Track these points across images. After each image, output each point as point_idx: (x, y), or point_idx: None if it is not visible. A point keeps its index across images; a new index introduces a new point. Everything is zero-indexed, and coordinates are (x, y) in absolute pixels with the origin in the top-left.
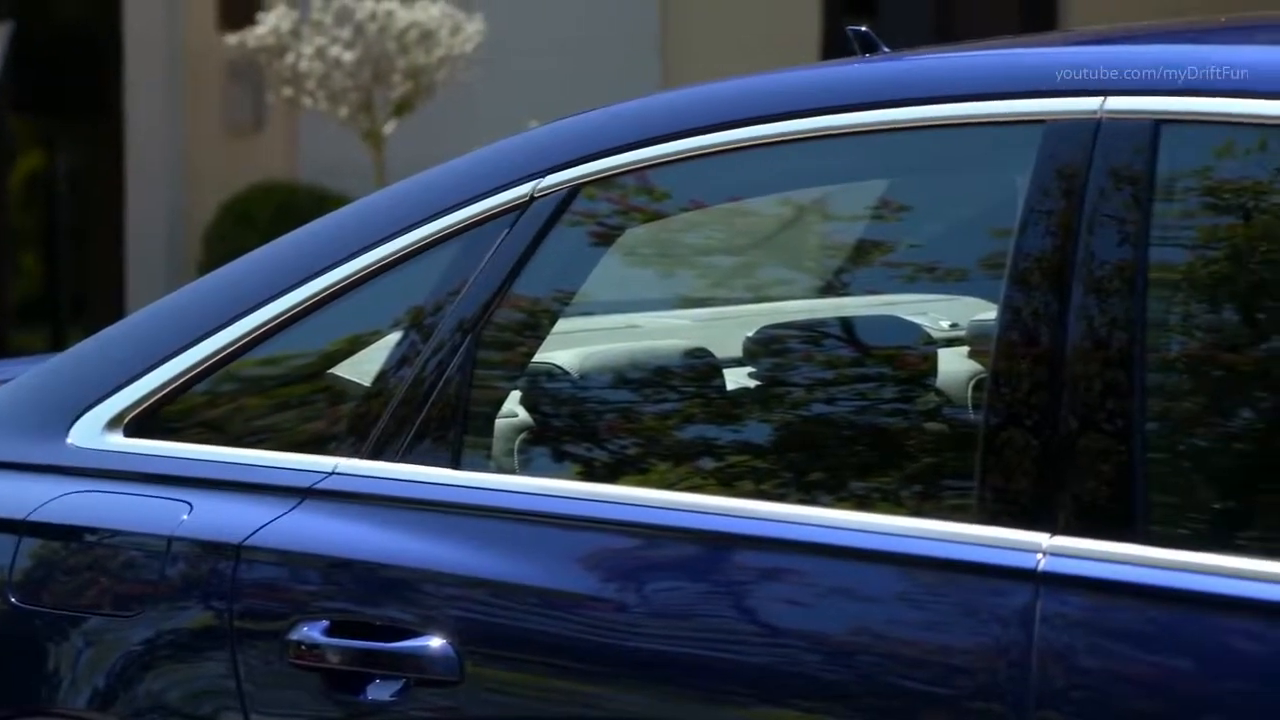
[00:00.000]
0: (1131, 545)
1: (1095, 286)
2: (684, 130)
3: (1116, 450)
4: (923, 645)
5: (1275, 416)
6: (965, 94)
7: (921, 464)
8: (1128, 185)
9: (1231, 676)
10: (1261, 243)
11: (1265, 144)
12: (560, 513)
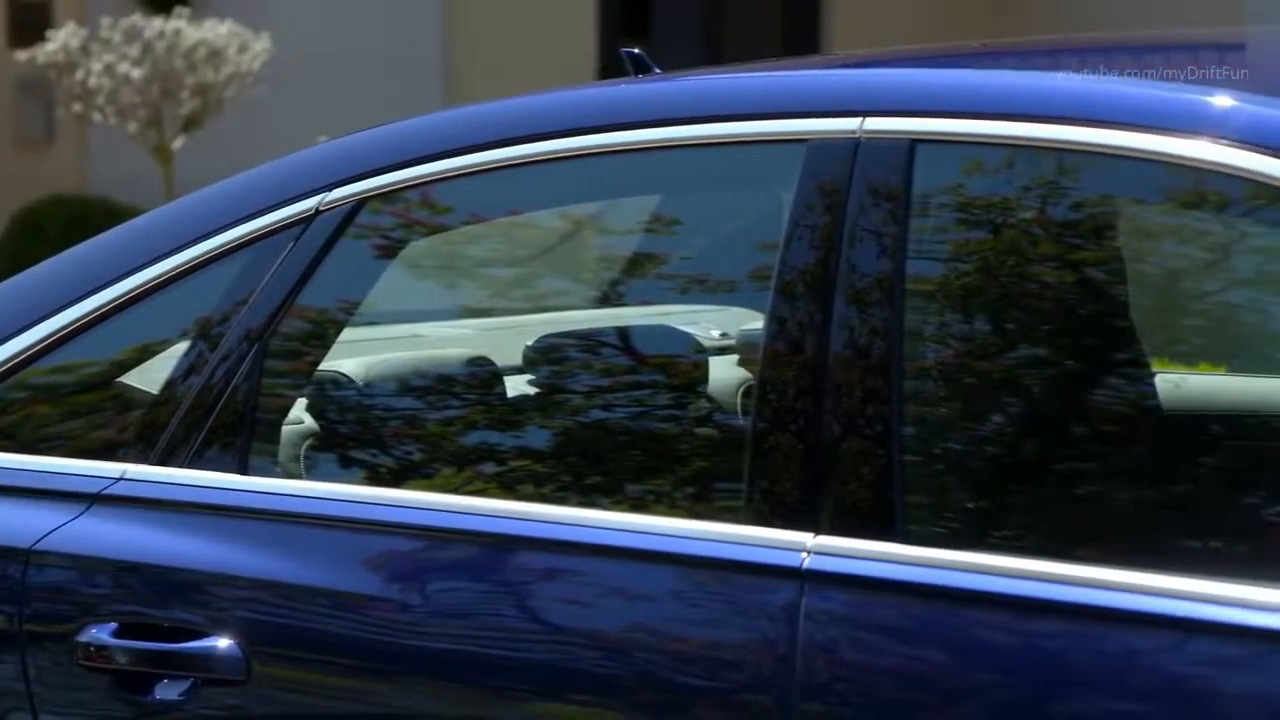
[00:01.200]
0: (890, 544)
1: (856, 297)
2: (466, 146)
3: (876, 454)
4: (696, 641)
5: (1024, 421)
6: (732, 114)
7: (694, 467)
8: (885, 201)
9: (983, 668)
10: (1009, 256)
11: (1012, 162)
12: (346, 516)
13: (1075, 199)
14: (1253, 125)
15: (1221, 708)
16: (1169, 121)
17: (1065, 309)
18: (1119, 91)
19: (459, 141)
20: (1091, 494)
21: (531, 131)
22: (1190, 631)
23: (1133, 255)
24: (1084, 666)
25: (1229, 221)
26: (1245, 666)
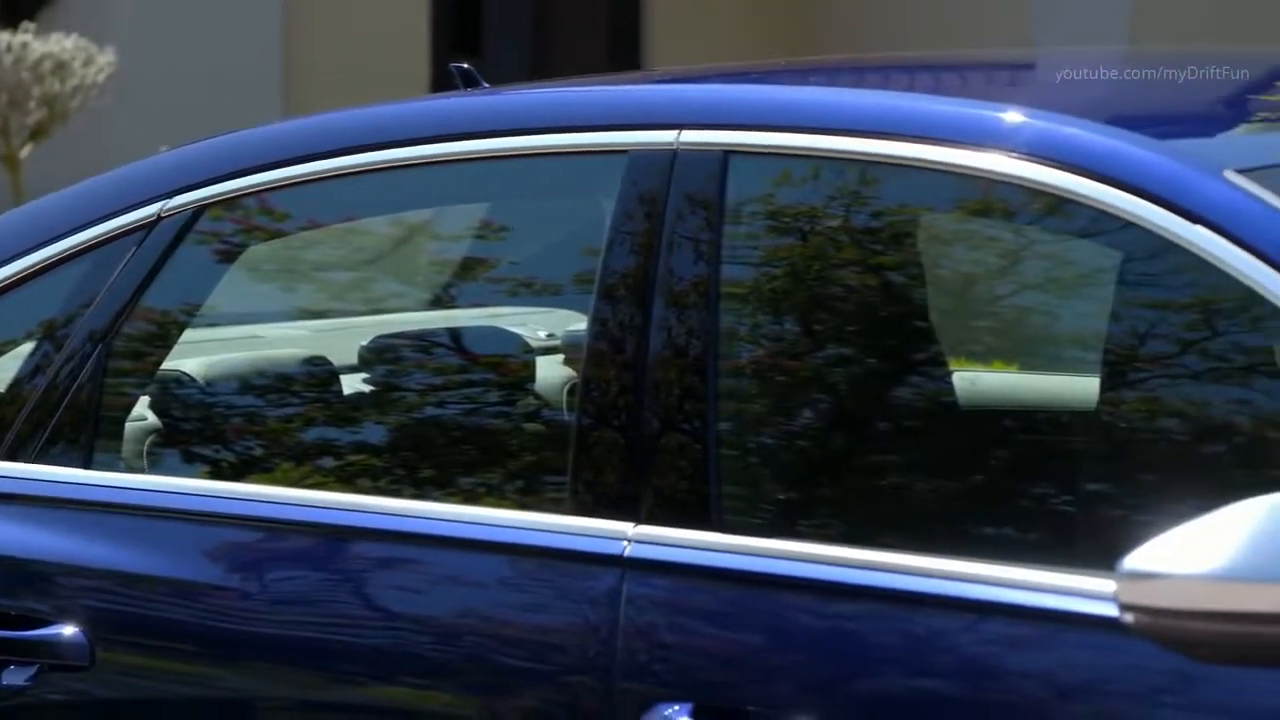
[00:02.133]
0: (706, 533)
1: (674, 300)
2: (303, 156)
3: (693, 448)
4: (523, 626)
5: (831, 416)
6: (557, 126)
7: (522, 461)
8: (701, 209)
9: (793, 649)
10: (816, 261)
11: (819, 173)
12: (188, 509)
13: (877, 208)
14: (1039, 139)
15: (1014, 685)
16: (963, 135)
17: (868, 311)
18: (917, 107)
19: (296, 151)
20: (894, 485)
21: (366, 142)
22: (985, 613)
23: (930, 261)
24: (887, 646)
25: (1019, 229)
26: (1036, 646)
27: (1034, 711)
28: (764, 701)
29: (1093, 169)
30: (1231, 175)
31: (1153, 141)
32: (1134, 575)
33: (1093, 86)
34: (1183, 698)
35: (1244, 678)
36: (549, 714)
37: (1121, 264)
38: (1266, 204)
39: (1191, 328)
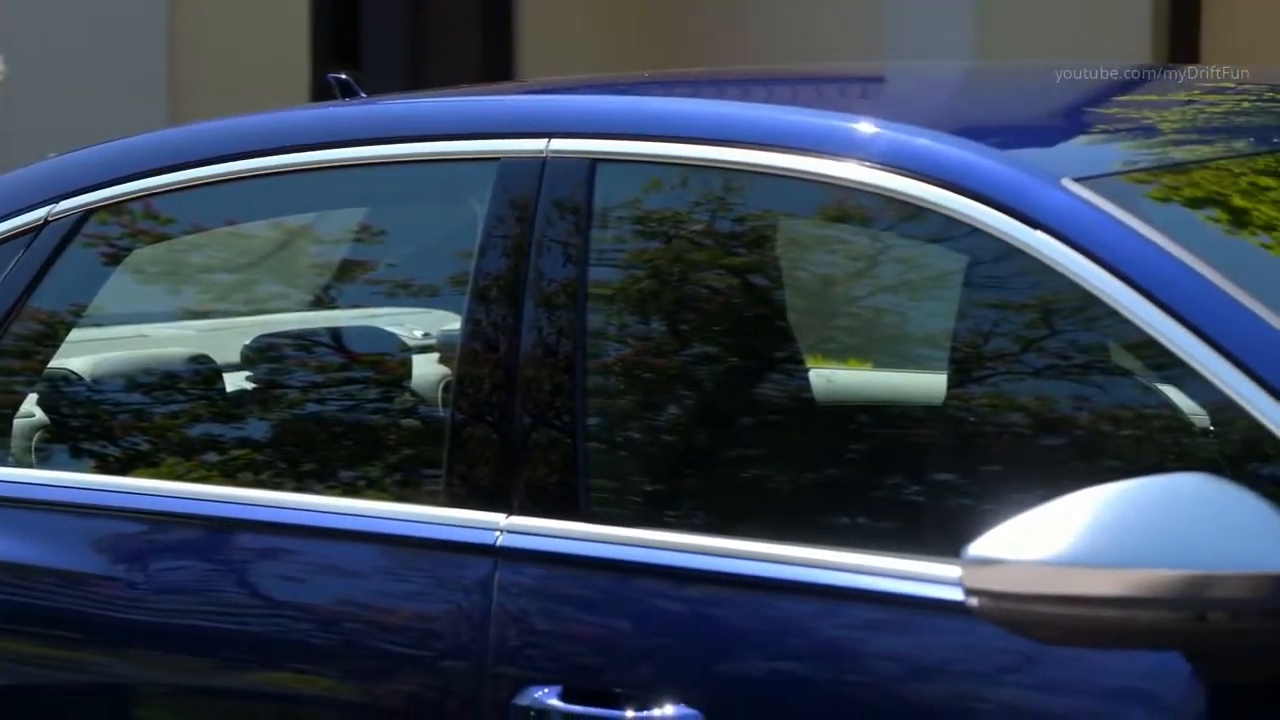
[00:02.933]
0: (576, 523)
1: (544, 301)
2: (187, 162)
3: (563, 442)
4: (401, 613)
5: (694, 412)
6: (432, 134)
7: (399, 455)
8: (570, 214)
9: (658, 633)
10: (681, 264)
11: (684, 180)
12: (76, 502)
13: (740, 213)
14: (892, 149)
15: (870, 666)
16: (821, 145)
17: (730, 312)
18: (778, 118)
19: (181, 157)
20: (754, 477)
21: (248, 148)
22: (841, 599)
23: (790, 264)
24: (748, 631)
25: (874, 234)
26: (889, 629)
27: (888, 692)
28: (630, 684)
29: (942, 178)
30: (1069, 184)
31: (997, 152)
32: (978, 561)
33: (942, 98)
34: (1027, 677)
35: (1082, 657)
36: (425, 698)
37: (968, 267)
38: (1102, 211)
39: (1033, 327)
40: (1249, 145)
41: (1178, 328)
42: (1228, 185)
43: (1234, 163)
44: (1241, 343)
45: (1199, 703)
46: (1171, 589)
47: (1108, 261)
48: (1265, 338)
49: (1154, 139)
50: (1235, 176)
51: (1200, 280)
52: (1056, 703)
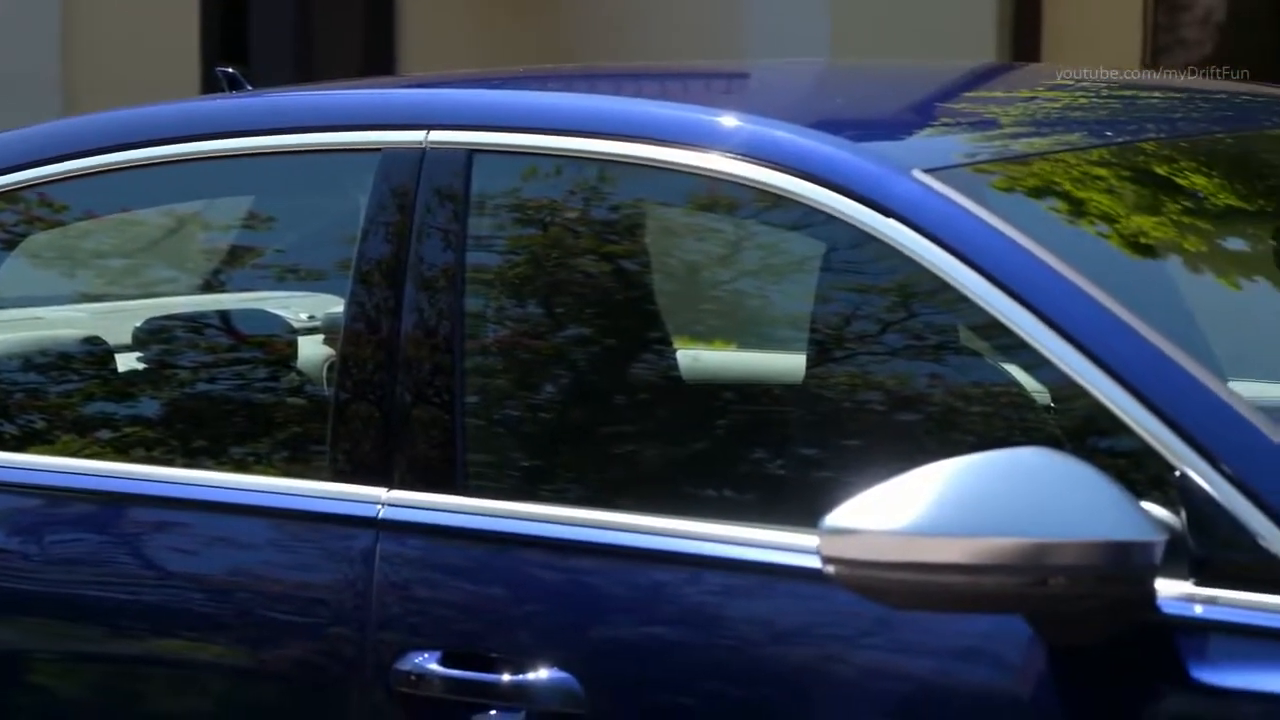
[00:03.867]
0: (454, 497)
1: (424, 285)
2: (81, 151)
3: (442, 419)
4: (289, 582)
5: (568, 390)
6: (317, 126)
7: (287, 432)
8: (448, 202)
9: (534, 600)
10: (555, 250)
11: (559, 170)
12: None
13: (612, 202)
14: (754, 141)
15: (734, 630)
16: (687, 137)
17: (602, 296)
18: (647, 111)
19: (74, 147)
20: (625, 452)
21: (140, 139)
22: (706, 567)
23: (659, 250)
24: (619, 598)
25: (738, 222)
26: (752, 595)
27: (751, 654)
28: (506, 648)
29: (800, 169)
30: (919, 174)
31: (851, 144)
32: (834, 531)
33: (800, 94)
34: (880, 639)
35: (931, 621)
36: (311, 663)
37: (826, 253)
38: (949, 200)
39: (887, 310)
40: (1084, 139)
41: (1021, 311)
42: (1065, 176)
43: (1070, 155)
44: (1080, 325)
45: (1039, 662)
46: (1014, 556)
47: (955, 248)
48: (1102, 321)
49: (997, 132)
50: (1071, 168)
51: (1041, 266)
52: (908, 663)
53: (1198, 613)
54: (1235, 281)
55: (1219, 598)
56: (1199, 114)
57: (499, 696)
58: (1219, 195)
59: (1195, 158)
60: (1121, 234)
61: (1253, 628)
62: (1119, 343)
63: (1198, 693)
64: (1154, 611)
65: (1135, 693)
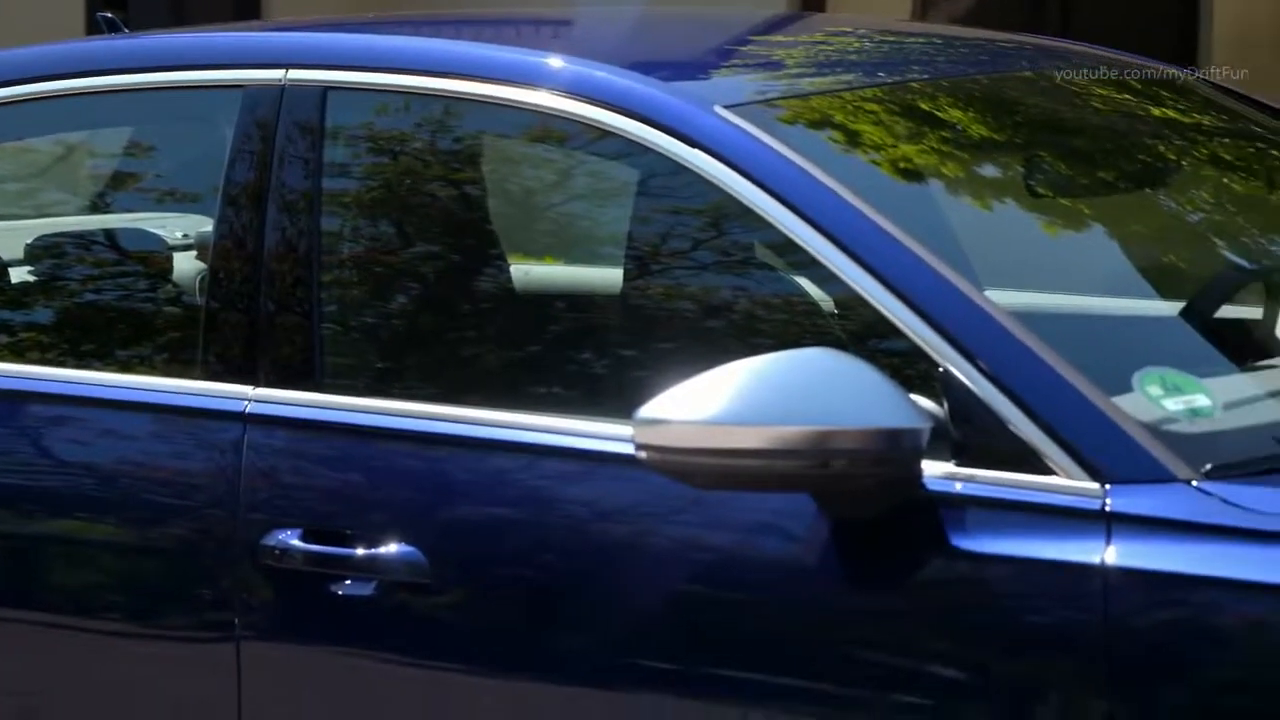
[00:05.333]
0: (314, 394)
1: (285, 207)
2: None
3: (302, 326)
4: (169, 470)
5: (416, 300)
6: (187, 65)
7: (165, 338)
8: (306, 134)
9: (391, 486)
10: (404, 176)
11: (408, 106)
12: None
13: (454, 134)
14: (578, 80)
15: (564, 509)
16: (520, 77)
17: (446, 217)
18: (484, 54)
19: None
20: (466, 354)
21: (32, 75)
22: (541, 454)
23: (496, 177)
24: (464, 482)
25: (566, 152)
26: (580, 479)
27: (580, 530)
28: (360, 527)
29: (619, 105)
30: (721, 110)
31: (662, 84)
32: (646, 422)
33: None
34: (688, 516)
35: (730, 499)
36: (189, 540)
37: (641, 180)
38: (746, 132)
39: (694, 230)
40: (859, 79)
41: (809, 230)
42: (843, 111)
43: (848, 93)
44: (859, 243)
45: (823, 534)
46: (801, 442)
47: (752, 174)
48: (878, 239)
49: (785, 73)
50: (848, 104)
51: (826, 190)
52: (711, 536)
53: (958, 489)
54: (987, 202)
55: (976, 476)
56: (958, 58)
57: (353, 568)
58: (974, 128)
59: (954, 96)
60: (892, 162)
61: (1004, 501)
62: (892, 258)
63: (958, 557)
64: (921, 489)
65: (905, 558)
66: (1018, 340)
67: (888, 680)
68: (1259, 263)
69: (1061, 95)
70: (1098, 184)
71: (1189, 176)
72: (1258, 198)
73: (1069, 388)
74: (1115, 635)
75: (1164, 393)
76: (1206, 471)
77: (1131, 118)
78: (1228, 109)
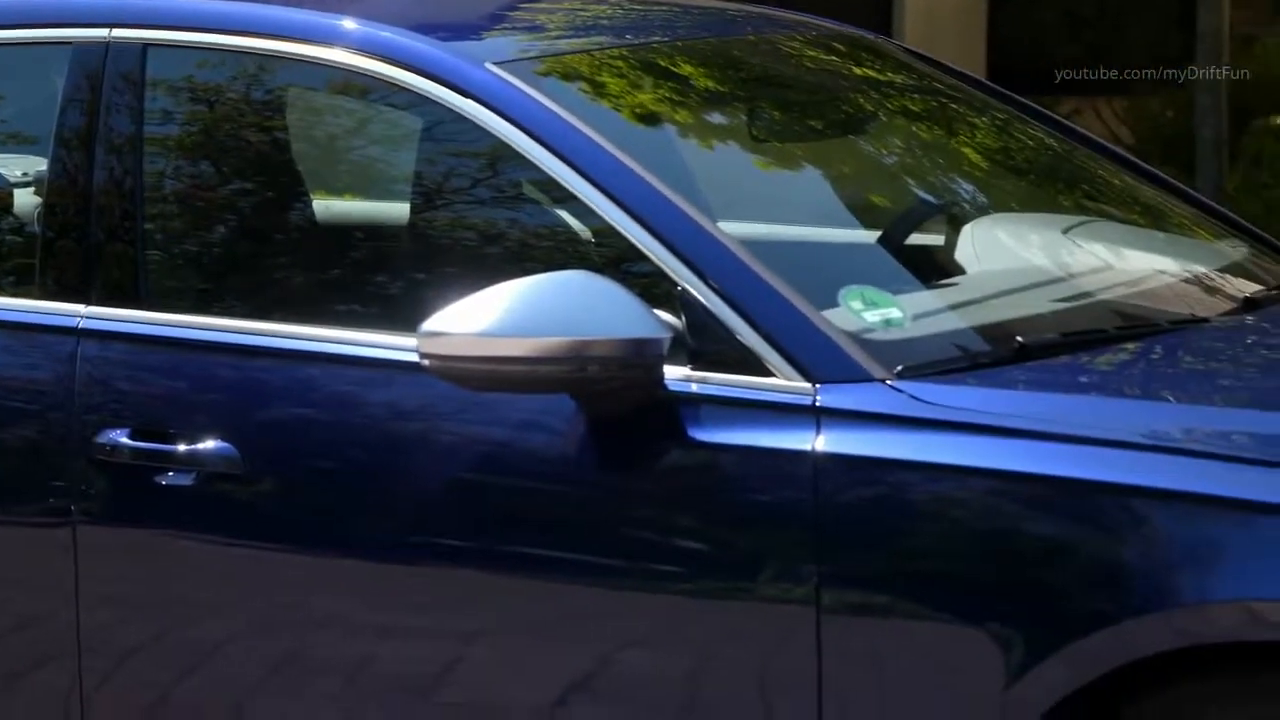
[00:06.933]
0: (139, 310)
1: (111, 149)
2: None
3: (128, 253)
4: (19, 379)
5: (232, 231)
6: (22, 24)
7: (11, 263)
8: (129, 85)
9: (205, 391)
10: (219, 124)
11: (223, 62)
12: None
13: (267, 86)
14: (366, 39)
15: (367, 410)
16: (319, 36)
17: (256, 159)
18: (288, 16)
19: None
20: (276, 277)
21: None
22: (345, 364)
23: (305, 125)
24: (278, 388)
25: (365, 103)
26: (379, 385)
27: (379, 429)
28: (182, 426)
29: (402, 61)
30: (490, 66)
31: (440, 43)
32: (429, 334)
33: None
34: (469, 415)
35: (503, 400)
36: (33, 439)
37: (425, 128)
38: (512, 85)
39: (471, 170)
40: (609, 40)
41: (568, 170)
42: (595, 67)
43: (599, 52)
44: (610, 180)
45: (581, 428)
46: (561, 351)
47: (519, 121)
48: (626, 176)
49: (545, 34)
50: (599, 61)
51: (581, 135)
52: (489, 431)
53: (694, 389)
54: (717, 146)
55: (709, 378)
56: (693, 23)
57: (176, 462)
58: (704, 81)
59: (689, 55)
60: (636, 110)
61: (732, 399)
62: (638, 194)
63: (694, 447)
64: (663, 389)
65: (651, 448)
66: (743, 263)
67: (641, 552)
68: (941, 198)
69: (779, 56)
70: (809, 131)
71: (884, 125)
72: (940, 144)
73: (785, 303)
74: (824, 510)
75: (863, 306)
76: (899, 372)
77: (837, 75)
78: (916, 69)
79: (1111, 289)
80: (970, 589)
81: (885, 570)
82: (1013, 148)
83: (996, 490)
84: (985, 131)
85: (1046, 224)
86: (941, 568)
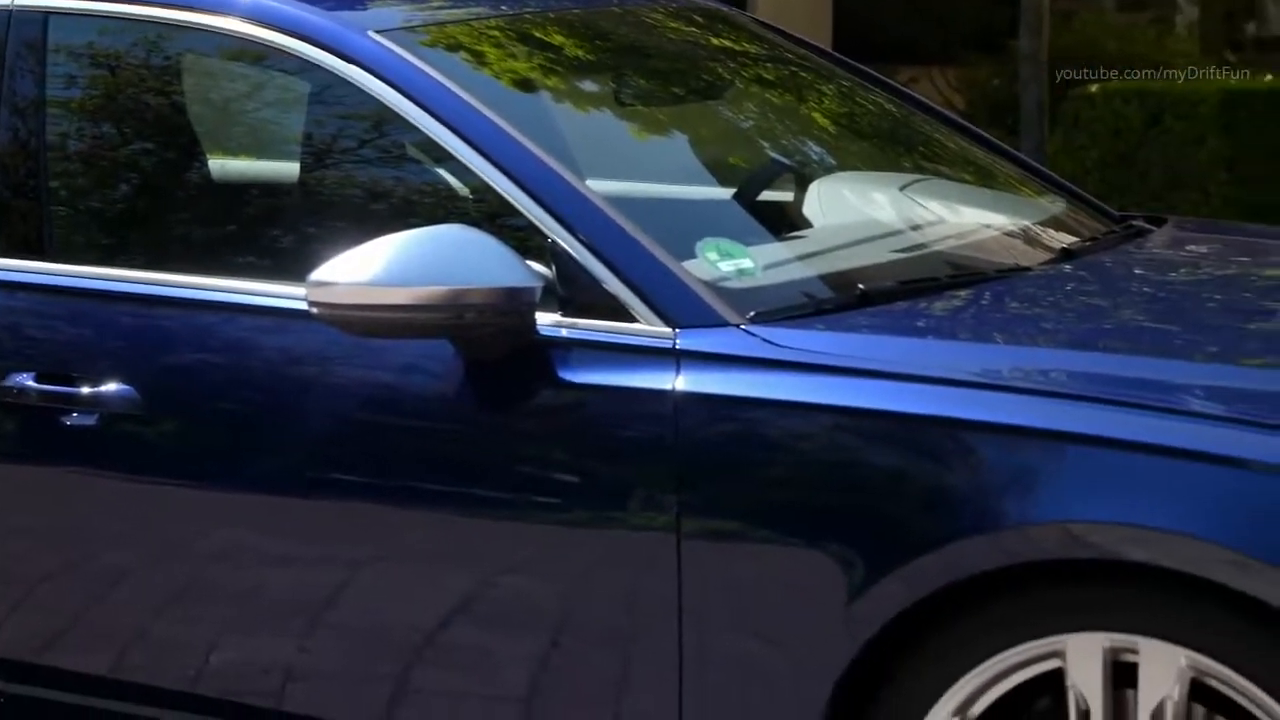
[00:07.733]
0: (44, 263)
1: (16, 111)
2: None
3: (34, 209)
4: None
5: (133, 188)
6: None
7: None
8: (32, 51)
9: (108, 338)
10: (120, 87)
11: (124, 30)
12: None
13: (159, 52)
14: (256, 9)
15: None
16: (212, 5)
17: (156, 120)
18: None
19: None
20: (178, 233)
21: None
22: (241, 312)
23: (201, 88)
24: (176, 334)
25: (260, 69)
26: (273, 331)
27: (274, 372)
28: (85, 371)
29: (290, 29)
30: (373, 34)
31: (325, 12)
32: (317, 284)
33: None
34: (356, 359)
35: (388, 346)
36: None
37: (313, 92)
38: (394, 53)
39: (358, 132)
40: (486, 10)
41: (446, 132)
42: (473, 36)
43: (477, 22)
44: (486, 141)
45: (459, 372)
46: (440, 299)
47: (400, 86)
48: (501, 138)
49: (428, 5)
50: (476, 30)
51: (459, 99)
52: (374, 374)
53: (564, 334)
54: (585, 110)
55: (578, 324)
56: None
57: (79, 404)
58: (574, 50)
59: (560, 25)
60: (511, 77)
61: (599, 343)
62: (512, 154)
63: (565, 387)
64: (535, 335)
65: (525, 389)
66: (609, 218)
67: (517, 485)
68: (791, 158)
69: (643, 26)
70: (670, 97)
71: (739, 92)
72: (790, 109)
73: (648, 254)
74: (683, 445)
75: (719, 257)
76: (751, 318)
77: (696, 45)
78: (768, 40)
79: (944, 241)
80: (817, 516)
81: (740, 500)
82: (856, 113)
83: (840, 425)
84: (831, 98)
85: (886, 182)
86: (791, 497)
